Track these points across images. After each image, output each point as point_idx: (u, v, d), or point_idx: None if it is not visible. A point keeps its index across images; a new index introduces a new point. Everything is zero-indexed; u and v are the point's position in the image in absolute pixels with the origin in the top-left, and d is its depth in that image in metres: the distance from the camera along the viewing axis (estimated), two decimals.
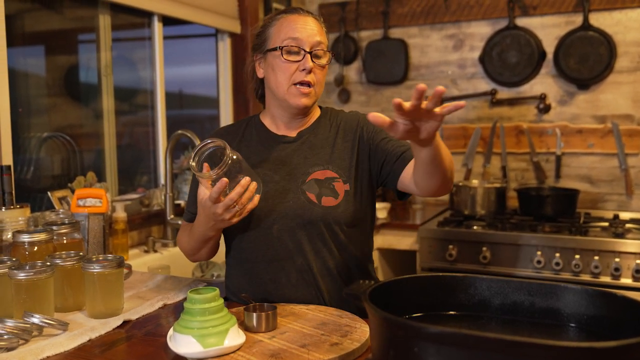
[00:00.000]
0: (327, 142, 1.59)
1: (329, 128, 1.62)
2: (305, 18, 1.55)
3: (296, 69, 1.51)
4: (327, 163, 1.56)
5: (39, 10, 2.42)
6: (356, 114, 1.65)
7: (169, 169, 2.44)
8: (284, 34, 1.52)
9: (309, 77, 1.51)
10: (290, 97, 1.53)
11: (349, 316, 1.37)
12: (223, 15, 3.04)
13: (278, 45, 1.52)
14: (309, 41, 1.51)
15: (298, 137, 1.60)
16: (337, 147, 1.58)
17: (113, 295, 1.41)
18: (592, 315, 1.00)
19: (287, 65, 1.51)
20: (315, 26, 1.54)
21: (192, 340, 1.15)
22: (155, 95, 2.78)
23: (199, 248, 1.56)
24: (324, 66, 1.55)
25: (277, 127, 1.62)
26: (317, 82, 1.54)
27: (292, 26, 1.53)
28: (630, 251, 2.42)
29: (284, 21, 1.55)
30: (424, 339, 0.84)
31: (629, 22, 3.00)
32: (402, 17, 3.47)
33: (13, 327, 1.22)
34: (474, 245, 2.67)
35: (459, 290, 1.10)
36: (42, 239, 1.51)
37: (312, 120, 1.64)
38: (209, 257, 1.63)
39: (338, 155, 1.57)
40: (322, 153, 1.58)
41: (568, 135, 3.15)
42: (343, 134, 1.61)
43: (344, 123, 1.63)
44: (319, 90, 1.56)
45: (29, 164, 2.31)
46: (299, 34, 1.51)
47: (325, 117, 1.65)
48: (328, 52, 1.56)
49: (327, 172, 1.54)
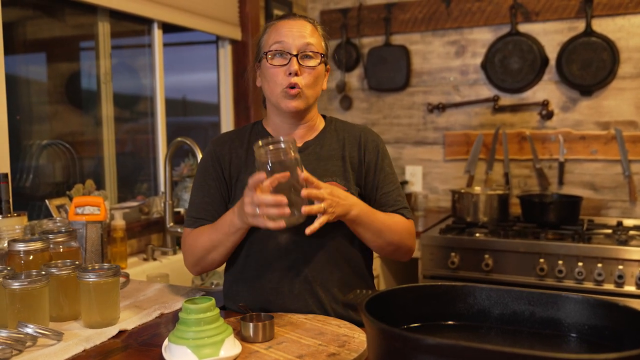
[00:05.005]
0: (334, 155, 1.58)
1: (336, 140, 1.60)
2: (294, 22, 1.53)
3: (283, 74, 1.49)
4: (335, 175, 1.55)
5: (40, 18, 2.42)
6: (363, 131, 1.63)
7: (168, 176, 2.43)
8: (272, 39, 1.52)
9: (296, 79, 1.48)
10: (281, 101, 1.51)
11: (347, 326, 1.35)
12: (223, 22, 3.04)
13: (265, 51, 1.52)
14: (295, 44, 1.49)
15: (304, 147, 1.58)
16: (345, 160, 1.57)
17: (109, 304, 1.40)
18: (593, 325, 0.98)
19: (275, 70, 1.50)
20: (304, 29, 1.52)
21: (187, 351, 1.13)
22: (155, 103, 2.78)
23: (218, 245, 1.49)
24: (313, 67, 1.51)
25: (281, 135, 1.59)
26: (308, 84, 1.50)
27: (279, 31, 1.52)
28: (634, 258, 2.39)
29: (274, 28, 1.54)
30: (422, 351, 0.83)
31: (631, 28, 2.99)
32: (404, 24, 3.46)
33: (6, 338, 1.20)
34: (476, 252, 2.65)
35: (458, 299, 1.08)
36: (38, 248, 1.50)
37: (317, 131, 1.62)
38: (219, 261, 1.56)
39: (345, 168, 1.56)
40: (330, 165, 1.56)
41: (571, 141, 3.13)
42: (350, 147, 1.59)
43: (351, 137, 1.61)
44: (309, 92, 1.52)
45: (28, 171, 2.31)
46: (285, 37, 1.50)
47: (330, 127, 1.63)
48: (319, 54, 1.52)
49: (335, 184, 1.52)
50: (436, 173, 3.46)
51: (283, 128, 1.59)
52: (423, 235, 2.76)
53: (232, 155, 1.59)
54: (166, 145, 2.78)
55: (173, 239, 2.47)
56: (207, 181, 1.58)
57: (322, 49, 1.55)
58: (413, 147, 3.50)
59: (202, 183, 1.60)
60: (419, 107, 3.47)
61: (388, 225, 1.53)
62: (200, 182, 1.60)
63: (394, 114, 3.52)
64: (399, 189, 1.63)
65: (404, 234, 1.57)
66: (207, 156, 1.62)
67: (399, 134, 3.51)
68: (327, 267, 1.52)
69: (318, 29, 1.57)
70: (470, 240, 2.67)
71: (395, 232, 1.55)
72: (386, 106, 3.54)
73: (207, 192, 1.58)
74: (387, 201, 1.59)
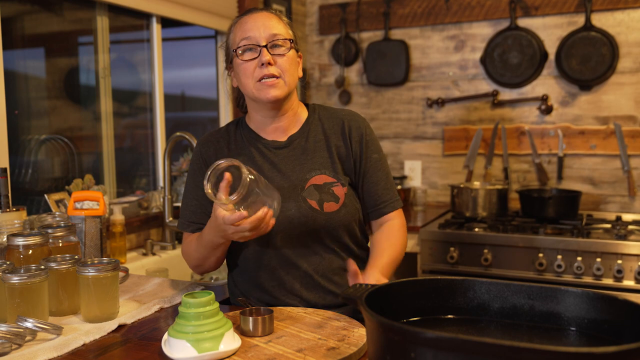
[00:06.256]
0: (320, 146, 1.57)
1: (320, 130, 1.60)
2: (257, 15, 1.53)
3: (255, 66, 1.48)
4: (322, 167, 1.55)
5: (38, 13, 2.42)
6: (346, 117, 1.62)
7: (167, 171, 2.42)
8: (238, 36, 1.51)
9: (271, 69, 1.47)
10: (259, 93, 1.49)
11: (347, 320, 1.35)
12: (222, 17, 3.03)
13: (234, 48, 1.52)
14: (262, 36, 1.48)
15: (289, 142, 1.58)
16: (331, 151, 1.57)
17: (108, 299, 1.40)
18: (592, 319, 0.98)
19: (247, 65, 1.50)
20: (268, 20, 1.51)
21: (187, 345, 1.13)
22: (154, 98, 2.77)
23: (207, 257, 1.53)
24: (284, 55, 1.50)
25: (265, 132, 1.60)
26: (284, 70, 1.50)
27: (243, 27, 1.51)
28: (633, 253, 2.40)
29: (238, 25, 1.54)
30: (421, 344, 0.83)
31: (631, 23, 2.98)
32: (403, 18, 3.46)
33: (6, 332, 1.20)
34: (475, 247, 2.65)
35: (458, 293, 1.08)
36: (37, 242, 1.49)
37: (299, 123, 1.61)
38: (216, 266, 1.60)
39: (332, 159, 1.56)
40: (317, 157, 1.56)
41: (570, 136, 3.13)
42: (335, 137, 1.59)
43: (335, 126, 1.60)
44: (289, 79, 1.51)
45: (27, 166, 2.30)
46: (251, 32, 1.49)
47: (314, 116, 1.62)
48: (287, 40, 1.51)
49: (324, 176, 1.53)
50: (435, 168, 3.46)
51: (265, 122, 1.58)
52: (422, 230, 2.76)
53: (217, 156, 1.58)
54: (165, 140, 2.78)
55: (172, 234, 2.47)
56: (196, 183, 1.60)
57: (289, 35, 1.54)
58: (412, 142, 3.50)
59: (192, 185, 1.62)
60: (418, 102, 3.47)
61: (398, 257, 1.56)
62: (190, 184, 1.63)
63: (393, 109, 3.51)
64: (387, 176, 1.62)
65: (403, 242, 1.60)
66: (194, 157, 1.64)
67: (398, 129, 3.51)
68: (326, 260, 1.53)
69: (282, 18, 1.56)
70: (469, 235, 2.67)
71: (402, 252, 1.59)
72: (385, 101, 3.54)
73: (195, 194, 1.61)
74: (376, 191, 1.59)
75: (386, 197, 1.60)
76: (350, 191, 1.56)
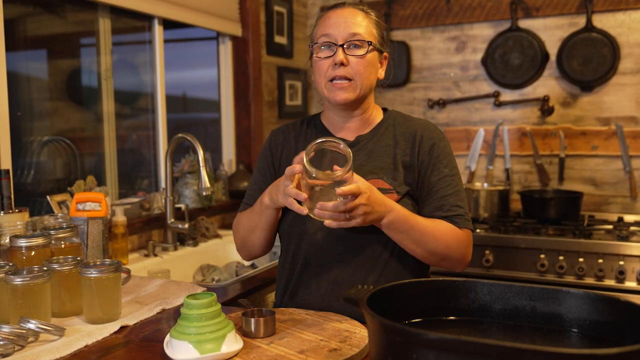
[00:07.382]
0: (386, 151, 1.51)
1: (391, 135, 1.54)
2: (342, 11, 1.50)
3: (329, 66, 1.47)
4: (381, 172, 1.49)
5: (41, 14, 2.42)
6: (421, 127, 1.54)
7: (169, 172, 2.43)
8: (319, 32, 1.50)
9: (342, 70, 1.45)
10: (329, 93, 1.49)
11: (349, 321, 1.35)
12: (224, 18, 3.03)
13: (312, 43, 1.51)
14: (341, 34, 1.46)
15: (356, 142, 1.54)
16: (396, 158, 1.50)
17: (110, 300, 1.40)
18: (594, 320, 0.98)
19: (321, 62, 1.49)
20: (352, 17, 1.48)
21: (189, 346, 1.13)
22: (156, 99, 2.78)
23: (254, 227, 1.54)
24: (362, 56, 1.46)
25: (335, 128, 1.58)
26: (358, 73, 1.46)
27: (325, 23, 1.50)
28: (635, 254, 2.39)
29: (322, 19, 1.52)
30: (423, 345, 0.83)
31: (632, 24, 2.98)
32: (404, 20, 3.46)
33: (9, 333, 1.21)
34: (476, 248, 2.64)
35: (460, 295, 1.08)
36: (40, 244, 1.50)
37: (372, 125, 1.57)
38: (262, 246, 1.59)
39: (395, 166, 1.50)
40: (379, 161, 1.50)
41: (571, 137, 3.13)
42: (403, 145, 1.52)
43: (407, 133, 1.53)
44: (362, 82, 1.47)
45: (30, 167, 2.31)
46: (331, 29, 1.47)
47: (388, 121, 1.57)
48: (366, 42, 1.46)
49: (380, 182, 1.47)
50: None
51: (336, 121, 1.57)
52: None
53: (284, 145, 1.62)
54: (167, 142, 2.78)
55: (174, 235, 2.47)
56: (260, 170, 1.65)
57: (372, 36, 1.49)
58: None
59: (257, 171, 1.67)
60: (419, 103, 3.47)
61: (430, 233, 1.42)
62: (256, 170, 1.68)
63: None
64: (458, 194, 1.49)
65: (452, 243, 1.45)
66: (264, 145, 1.68)
67: None
68: (360, 271, 1.47)
69: (371, 15, 1.53)
70: None
71: (440, 240, 1.43)
72: (386, 102, 3.54)
73: (257, 180, 1.65)
74: (442, 206, 1.47)
75: (452, 212, 1.47)
76: (406, 201, 1.48)
